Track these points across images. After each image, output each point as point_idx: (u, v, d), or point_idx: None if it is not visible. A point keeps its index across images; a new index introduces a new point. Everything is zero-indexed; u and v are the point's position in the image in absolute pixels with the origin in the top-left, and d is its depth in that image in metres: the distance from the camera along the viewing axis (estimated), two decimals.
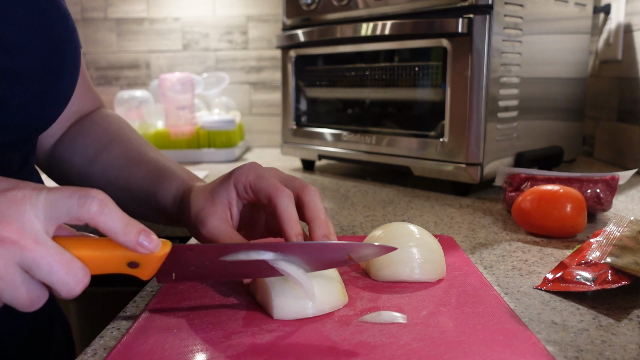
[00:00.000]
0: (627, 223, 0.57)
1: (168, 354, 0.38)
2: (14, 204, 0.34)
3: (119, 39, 1.70)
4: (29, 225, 0.34)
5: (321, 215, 0.47)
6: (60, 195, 0.35)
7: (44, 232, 0.35)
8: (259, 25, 1.68)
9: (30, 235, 0.34)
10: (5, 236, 0.33)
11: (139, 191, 0.58)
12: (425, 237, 0.52)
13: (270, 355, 0.37)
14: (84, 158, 0.62)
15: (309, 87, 1.22)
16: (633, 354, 0.39)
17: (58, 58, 0.49)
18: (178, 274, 0.42)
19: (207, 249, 0.42)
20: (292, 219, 0.46)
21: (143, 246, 0.38)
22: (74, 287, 0.35)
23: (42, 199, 0.35)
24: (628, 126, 1.15)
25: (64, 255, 0.35)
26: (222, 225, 0.48)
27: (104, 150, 0.61)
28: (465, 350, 0.37)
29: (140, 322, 0.43)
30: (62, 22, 0.50)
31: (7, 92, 0.46)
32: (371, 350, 0.38)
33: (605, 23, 1.23)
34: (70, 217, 0.36)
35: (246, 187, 0.48)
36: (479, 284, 0.50)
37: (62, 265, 0.35)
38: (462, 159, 0.90)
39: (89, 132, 0.63)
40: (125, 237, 0.37)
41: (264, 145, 1.73)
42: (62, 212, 0.35)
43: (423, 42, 0.95)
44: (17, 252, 0.33)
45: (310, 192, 0.48)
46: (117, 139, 0.62)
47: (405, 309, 0.44)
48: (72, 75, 0.53)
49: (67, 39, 0.51)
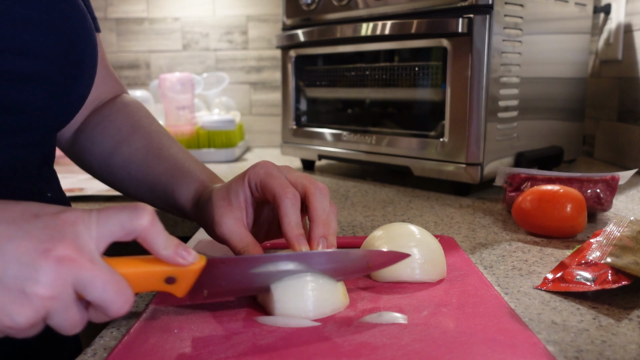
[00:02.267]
0: (627, 223, 0.57)
1: (169, 354, 0.38)
2: (69, 225, 0.34)
3: (119, 39, 1.70)
4: (85, 245, 0.34)
5: (322, 216, 0.47)
6: (112, 211, 0.36)
7: (97, 252, 0.35)
8: (259, 25, 1.68)
9: (86, 254, 0.34)
10: (66, 254, 0.33)
11: (157, 187, 0.59)
12: (426, 238, 0.52)
13: (270, 356, 0.37)
14: (104, 149, 0.62)
15: (309, 87, 1.22)
16: (633, 354, 0.39)
17: (77, 59, 0.50)
18: (210, 290, 0.42)
19: (239, 261, 0.43)
20: (292, 222, 0.46)
21: (183, 258, 0.38)
22: (122, 306, 0.35)
23: (94, 218, 0.35)
24: (628, 126, 1.15)
25: (115, 275, 0.35)
26: (235, 226, 0.49)
27: (124, 143, 0.61)
28: (466, 350, 0.37)
29: (140, 322, 0.43)
30: (81, 23, 0.51)
31: (28, 95, 0.47)
32: (372, 350, 0.38)
33: (605, 23, 1.23)
34: (124, 231, 0.36)
35: (257, 185, 0.49)
36: (480, 284, 0.50)
37: (113, 284, 0.35)
38: (462, 159, 0.90)
39: (109, 123, 0.63)
40: (166, 251, 0.37)
41: (264, 145, 1.73)
42: (115, 227, 0.35)
43: (423, 42, 0.95)
44: (75, 271, 0.33)
45: (315, 192, 0.48)
46: (138, 131, 0.62)
47: (406, 310, 0.44)
48: (91, 75, 0.53)
49: (85, 39, 0.51)
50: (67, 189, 1.04)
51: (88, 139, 0.64)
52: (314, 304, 0.43)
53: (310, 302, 0.43)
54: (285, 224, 0.46)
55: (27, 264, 0.32)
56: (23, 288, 0.32)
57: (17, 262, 0.32)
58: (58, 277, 0.33)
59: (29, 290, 0.32)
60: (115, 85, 0.68)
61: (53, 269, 0.33)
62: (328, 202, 0.49)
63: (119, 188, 0.65)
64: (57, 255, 0.33)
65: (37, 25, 0.46)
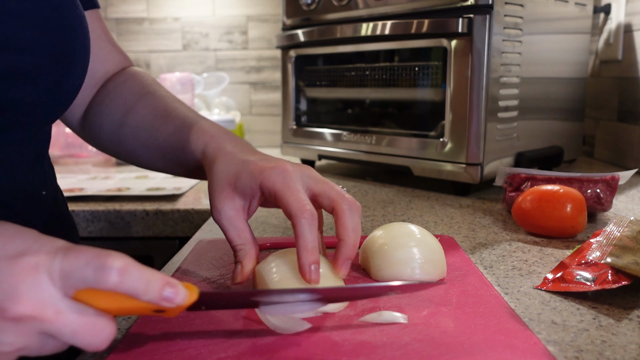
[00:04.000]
0: (627, 223, 0.57)
1: (169, 353, 0.38)
2: (29, 276, 0.31)
3: (119, 38, 1.70)
4: (48, 297, 0.32)
5: (352, 237, 0.45)
6: (76, 264, 0.32)
7: (63, 299, 0.32)
8: (259, 25, 1.68)
9: (50, 306, 0.32)
10: (24, 314, 0.31)
11: (168, 149, 0.57)
12: (426, 237, 0.52)
13: (270, 356, 0.37)
14: (113, 121, 0.61)
15: (309, 87, 1.22)
16: (633, 354, 0.39)
17: (68, 50, 0.48)
18: (208, 306, 0.40)
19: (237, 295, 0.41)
20: (309, 246, 0.43)
21: (169, 300, 0.35)
22: (99, 345, 0.33)
23: (57, 267, 0.32)
24: (628, 126, 1.15)
25: (87, 318, 0.33)
26: (235, 218, 0.46)
27: (131, 111, 0.60)
28: (467, 350, 0.37)
29: (141, 321, 0.43)
30: (70, 10, 0.49)
31: (18, 90, 0.45)
32: (372, 350, 0.38)
33: (605, 23, 1.23)
34: (89, 287, 0.33)
35: (271, 193, 0.45)
36: (480, 284, 0.50)
37: (85, 329, 0.33)
38: (462, 159, 0.90)
39: (115, 95, 0.62)
40: (148, 296, 0.34)
41: (264, 145, 1.73)
42: (78, 281, 0.32)
43: (423, 42, 0.95)
44: (38, 326, 0.31)
45: (345, 208, 0.45)
46: (144, 98, 0.61)
47: (406, 309, 0.44)
48: (83, 65, 0.52)
49: (75, 27, 0.49)
50: (67, 189, 1.04)
51: (96, 115, 0.62)
52: None
53: None
54: (300, 247, 0.43)
55: None
56: None
57: None
58: (21, 334, 0.31)
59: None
60: (121, 59, 0.67)
61: (13, 329, 0.31)
62: (359, 221, 0.45)
63: (132, 160, 0.64)
64: (15, 315, 0.31)
65: (24, 17, 0.44)
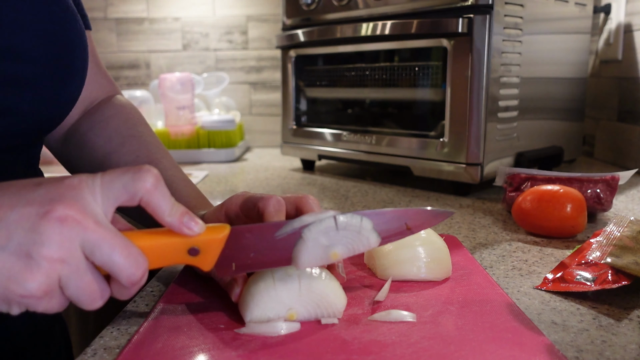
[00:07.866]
0: (627, 223, 0.57)
1: (179, 353, 0.38)
2: (71, 189, 0.34)
3: (119, 38, 1.70)
4: (89, 207, 0.34)
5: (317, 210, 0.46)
6: (116, 174, 0.35)
7: (103, 215, 0.35)
8: (259, 25, 1.68)
9: (91, 216, 0.33)
10: (68, 214, 0.32)
11: None
12: (431, 237, 0.53)
13: (281, 354, 0.37)
14: (94, 159, 0.61)
15: (309, 87, 1.22)
16: (633, 354, 0.39)
17: (67, 61, 0.49)
18: (238, 263, 0.40)
19: (264, 227, 0.41)
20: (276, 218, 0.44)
21: (188, 227, 0.37)
22: (134, 272, 0.34)
23: (98, 181, 0.35)
24: (628, 126, 1.15)
25: (123, 240, 0.35)
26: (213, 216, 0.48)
27: (114, 155, 0.60)
28: (475, 348, 0.38)
29: (150, 321, 0.43)
30: (71, 24, 0.50)
31: (17, 98, 0.46)
32: (382, 348, 0.38)
33: (605, 23, 1.23)
34: (127, 193, 0.35)
35: (237, 212, 0.47)
36: (485, 282, 0.50)
37: (122, 248, 0.34)
38: (462, 159, 0.90)
39: (100, 130, 0.61)
40: (171, 218, 0.37)
41: (264, 145, 1.73)
42: (118, 189, 0.35)
43: (423, 42, 0.95)
44: (80, 232, 0.33)
45: (308, 199, 0.47)
46: (128, 143, 0.60)
47: (413, 308, 0.45)
48: (81, 76, 0.52)
49: (75, 41, 0.50)
50: None
51: (78, 146, 0.62)
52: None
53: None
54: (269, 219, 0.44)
55: (30, 229, 0.32)
56: (29, 253, 0.32)
57: (20, 228, 0.32)
58: (63, 238, 0.32)
59: (35, 255, 0.32)
60: (107, 84, 0.66)
61: (56, 230, 0.32)
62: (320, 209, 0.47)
63: None
64: (59, 216, 0.32)
65: (26, 28, 0.45)
